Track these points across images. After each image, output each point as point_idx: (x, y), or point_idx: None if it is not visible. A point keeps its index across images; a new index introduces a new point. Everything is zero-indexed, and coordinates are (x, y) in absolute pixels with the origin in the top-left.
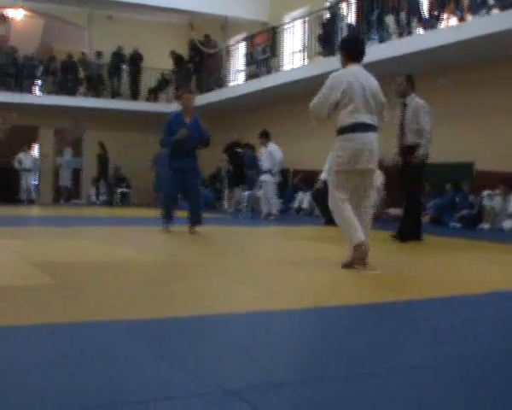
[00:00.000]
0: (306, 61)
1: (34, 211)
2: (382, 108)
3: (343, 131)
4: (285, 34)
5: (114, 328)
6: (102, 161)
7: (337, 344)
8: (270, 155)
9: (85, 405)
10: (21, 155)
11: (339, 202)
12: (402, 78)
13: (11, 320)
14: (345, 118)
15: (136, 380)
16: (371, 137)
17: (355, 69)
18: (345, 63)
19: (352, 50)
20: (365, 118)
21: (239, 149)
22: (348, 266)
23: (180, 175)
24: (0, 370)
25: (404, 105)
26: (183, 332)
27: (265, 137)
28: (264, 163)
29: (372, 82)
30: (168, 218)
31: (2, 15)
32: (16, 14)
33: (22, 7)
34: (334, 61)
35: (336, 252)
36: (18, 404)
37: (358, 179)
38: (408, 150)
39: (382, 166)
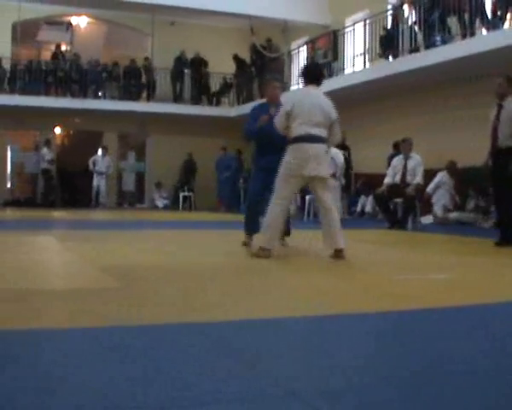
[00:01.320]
0: (368, 65)
1: (100, 215)
2: (333, 124)
3: (293, 140)
4: (346, 37)
5: (183, 330)
6: (190, 168)
7: (406, 348)
8: (332, 159)
9: (151, 402)
10: (97, 158)
11: (277, 199)
12: (501, 79)
13: (80, 322)
14: (295, 129)
15: (203, 380)
16: (318, 147)
17: (309, 89)
18: (304, 85)
19: (310, 76)
20: (313, 130)
21: (343, 152)
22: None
23: (265, 175)
24: (75, 368)
25: (500, 106)
26: (250, 334)
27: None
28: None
29: (323, 100)
30: (251, 226)
31: (67, 23)
32: (80, 22)
33: (86, 14)
34: (396, 64)
35: (403, 256)
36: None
37: (311, 185)
38: (500, 153)
39: (454, 168)
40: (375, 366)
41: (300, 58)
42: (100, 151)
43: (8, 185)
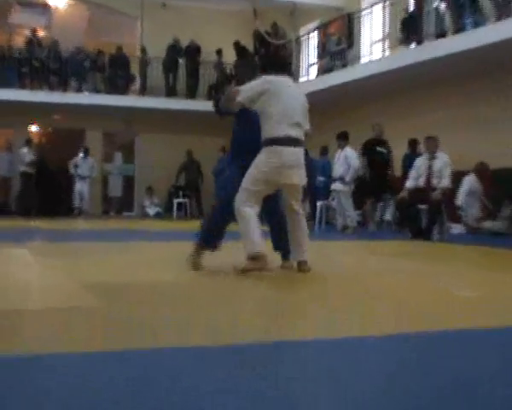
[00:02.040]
0: (387, 52)
1: (83, 224)
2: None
3: (270, 142)
4: (363, 21)
5: (184, 354)
6: (193, 169)
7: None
8: (346, 160)
9: None
10: (78, 160)
11: (247, 202)
12: None
13: (62, 346)
14: (273, 129)
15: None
16: (298, 152)
17: (286, 80)
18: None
19: (279, 64)
20: (293, 132)
21: (380, 149)
22: (244, 272)
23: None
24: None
25: None
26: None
27: (345, 139)
28: (339, 169)
29: (303, 97)
30: (215, 237)
31: (43, 4)
32: (58, 3)
33: None
34: (420, 52)
35: (428, 270)
36: None
37: (283, 190)
38: None
39: (484, 171)
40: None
41: (310, 45)
42: (81, 152)
43: None
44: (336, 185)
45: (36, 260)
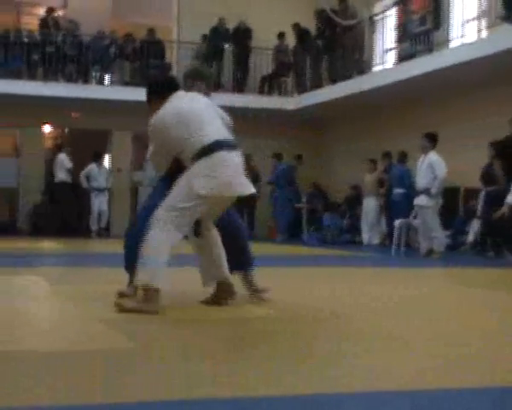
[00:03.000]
0: (485, 33)
1: (107, 246)
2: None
3: (206, 151)
4: None
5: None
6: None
7: None
8: (431, 167)
9: None
10: (91, 169)
11: (170, 225)
12: None
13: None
14: (205, 136)
15: None
16: (239, 156)
17: (184, 93)
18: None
19: (171, 85)
20: (228, 134)
21: None
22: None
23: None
24: None
25: None
26: None
27: (433, 141)
28: (422, 179)
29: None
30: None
31: None
32: None
33: None
34: None
35: None
36: None
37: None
38: None
39: None
40: None
41: (387, 26)
42: (107, 159)
43: None
44: (420, 200)
45: (54, 289)
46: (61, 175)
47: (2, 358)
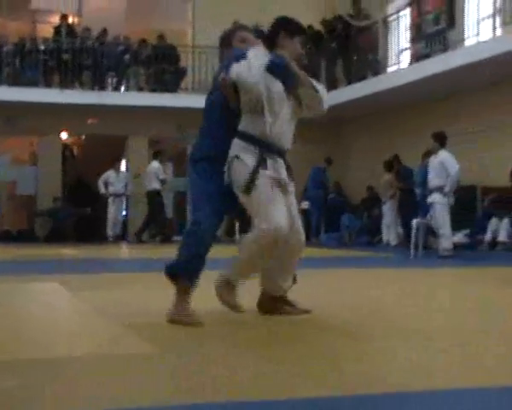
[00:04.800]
0: (500, 31)
1: (125, 252)
2: None
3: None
4: None
5: None
6: None
7: None
8: (443, 166)
9: None
10: (109, 175)
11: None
12: None
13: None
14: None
15: None
16: None
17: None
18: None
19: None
20: None
21: None
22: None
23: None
24: None
25: None
26: None
27: (441, 140)
28: (435, 178)
29: None
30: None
31: None
32: None
33: None
34: None
35: None
36: None
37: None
38: None
39: None
40: None
41: (401, 26)
42: (123, 165)
43: None
44: (433, 198)
45: (73, 296)
46: (155, 184)
47: (26, 365)
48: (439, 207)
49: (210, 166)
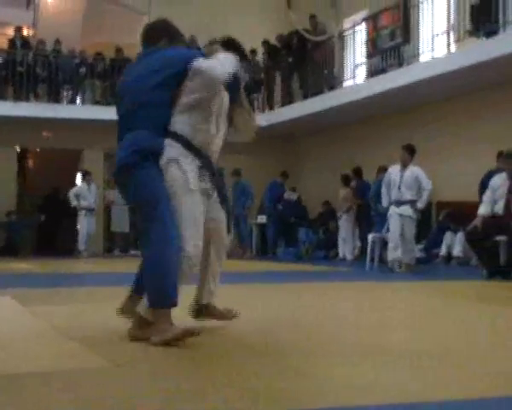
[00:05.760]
0: (453, 47)
1: (83, 266)
2: None
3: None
4: (422, 10)
5: None
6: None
7: None
8: (416, 180)
9: None
10: (82, 188)
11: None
12: None
13: None
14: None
15: None
16: None
17: None
18: None
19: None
20: None
21: None
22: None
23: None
24: None
25: None
26: None
27: (412, 153)
28: (407, 191)
29: None
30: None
31: None
32: None
33: None
34: (495, 44)
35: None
36: None
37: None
38: None
39: None
40: None
41: (357, 41)
42: (79, 178)
43: None
44: (405, 210)
45: (26, 310)
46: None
47: None
48: (410, 221)
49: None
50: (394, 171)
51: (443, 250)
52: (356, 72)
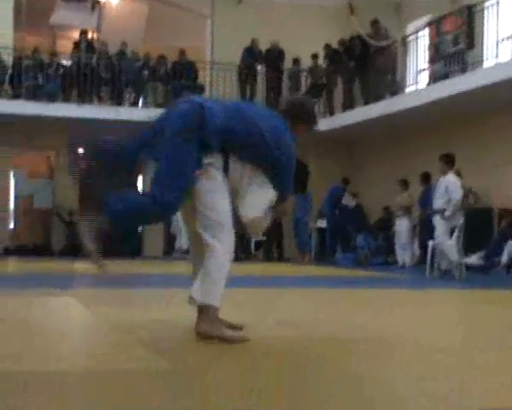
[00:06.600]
0: None
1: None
2: None
3: None
4: (487, 14)
5: None
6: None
7: None
8: (446, 189)
9: None
10: None
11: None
12: None
13: None
14: None
15: None
16: None
17: None
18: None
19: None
20: None
21: None
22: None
23: None
24: None
25: None
26: None
27: (450, 162)
28: (437, 200)
29: None
30: None
31: (93, 1)
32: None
33: None
34: None
35: None
36: None
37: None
38: None
39: None
40: None
41: (420, 46)
42: None
43: (11, 226)
44: (435, 220)
45: (89, 311)
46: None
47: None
48: (438, 230)
49: None
50: (439, 180)
51: (504, 258)
52: (418, 77)
